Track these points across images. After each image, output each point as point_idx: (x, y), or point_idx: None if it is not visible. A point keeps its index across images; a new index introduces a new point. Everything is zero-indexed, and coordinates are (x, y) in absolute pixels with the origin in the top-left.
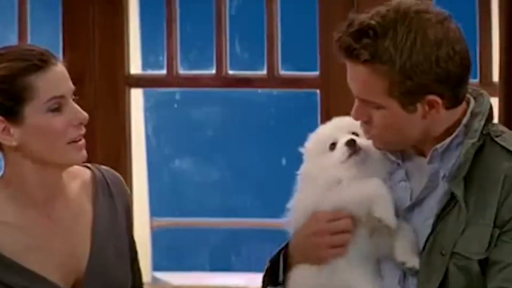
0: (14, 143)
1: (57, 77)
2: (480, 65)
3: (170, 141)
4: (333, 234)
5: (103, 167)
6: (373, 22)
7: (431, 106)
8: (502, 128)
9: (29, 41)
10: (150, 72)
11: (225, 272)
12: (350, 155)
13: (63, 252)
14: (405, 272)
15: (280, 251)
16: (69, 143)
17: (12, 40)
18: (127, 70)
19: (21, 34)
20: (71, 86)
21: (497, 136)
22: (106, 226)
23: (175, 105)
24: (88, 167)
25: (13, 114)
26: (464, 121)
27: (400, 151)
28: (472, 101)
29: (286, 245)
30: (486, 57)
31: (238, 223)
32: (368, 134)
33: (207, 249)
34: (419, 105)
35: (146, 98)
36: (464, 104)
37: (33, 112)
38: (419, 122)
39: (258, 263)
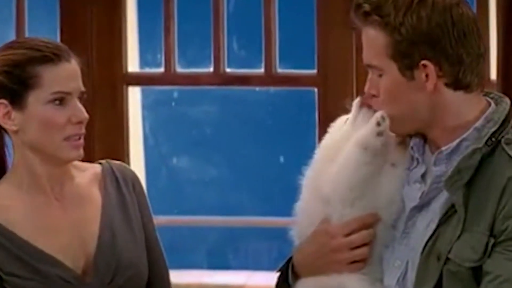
0: (14, 128)
1: (66, 73)
2: None
3: (168, 139)
4: (353, 249)
5: (115, 161)
6: None
7: (428, 76)
8: None
9: None
10: (148, 70)
11: (223, 270)
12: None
13: (72, 234)
14: (405, 272)
15: (289, 260)
16: (65, 139)
17: (11, 36)
18: (125, 68)
19: (19, 32)
20: (79, 85)
21: (507, 144)
22: (116, 215)
23: (173, 103)
24: (99, 163)
25: (17, 98)
26: (477, 124)
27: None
28: (492, 107)
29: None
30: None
31: (236, 221)
32: (377, 107)
33: (205, 247)
34: (416, 73)
35: (144, 96)
36: (481, 108)
37: (36, 101)
38: (421, 95)
39: (256, 261)
